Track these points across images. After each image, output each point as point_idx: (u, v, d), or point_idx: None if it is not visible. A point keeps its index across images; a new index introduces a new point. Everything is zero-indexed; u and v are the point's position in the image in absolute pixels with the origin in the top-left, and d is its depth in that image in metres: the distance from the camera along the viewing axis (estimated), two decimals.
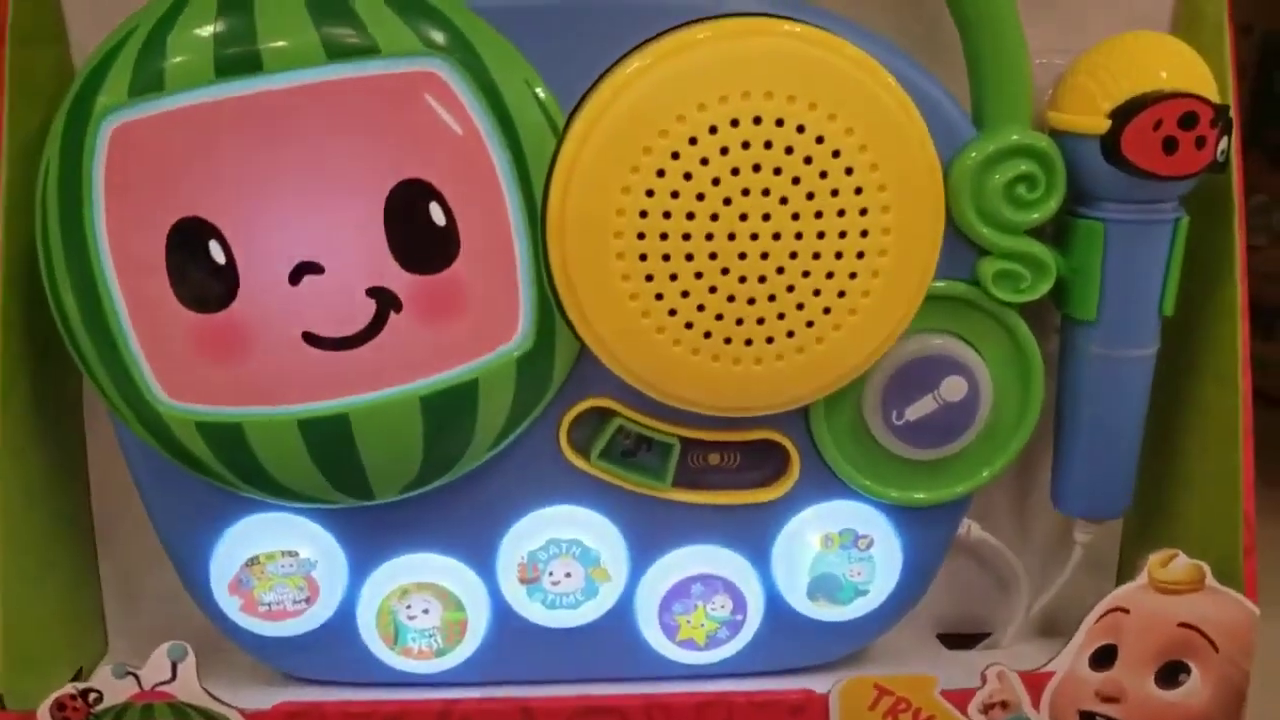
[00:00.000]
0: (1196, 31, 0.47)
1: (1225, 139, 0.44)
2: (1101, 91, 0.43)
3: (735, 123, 0.39)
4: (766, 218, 0.40)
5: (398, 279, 0.42)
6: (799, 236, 0.41)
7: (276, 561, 0.46)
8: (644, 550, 0.48)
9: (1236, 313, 0.47)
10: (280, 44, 0.40)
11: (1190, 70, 0.44)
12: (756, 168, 0.40)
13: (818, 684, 0.47)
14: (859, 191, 0.41)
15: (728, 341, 0.42)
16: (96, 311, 0.42)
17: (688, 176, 0.40)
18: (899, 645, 0.52)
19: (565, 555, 0.47)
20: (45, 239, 0.42)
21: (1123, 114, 0.43)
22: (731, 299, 0.41)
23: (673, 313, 0.41)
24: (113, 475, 0.50)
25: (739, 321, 0.42)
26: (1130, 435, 0.48)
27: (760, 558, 0.48)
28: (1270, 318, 0.76)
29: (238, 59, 0.39)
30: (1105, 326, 0.46)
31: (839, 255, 0.41)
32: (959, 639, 0.55)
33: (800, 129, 0.40)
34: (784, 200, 0.40)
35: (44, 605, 0.48)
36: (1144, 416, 0.48)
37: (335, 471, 0.44)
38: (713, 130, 0.39)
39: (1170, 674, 0.46)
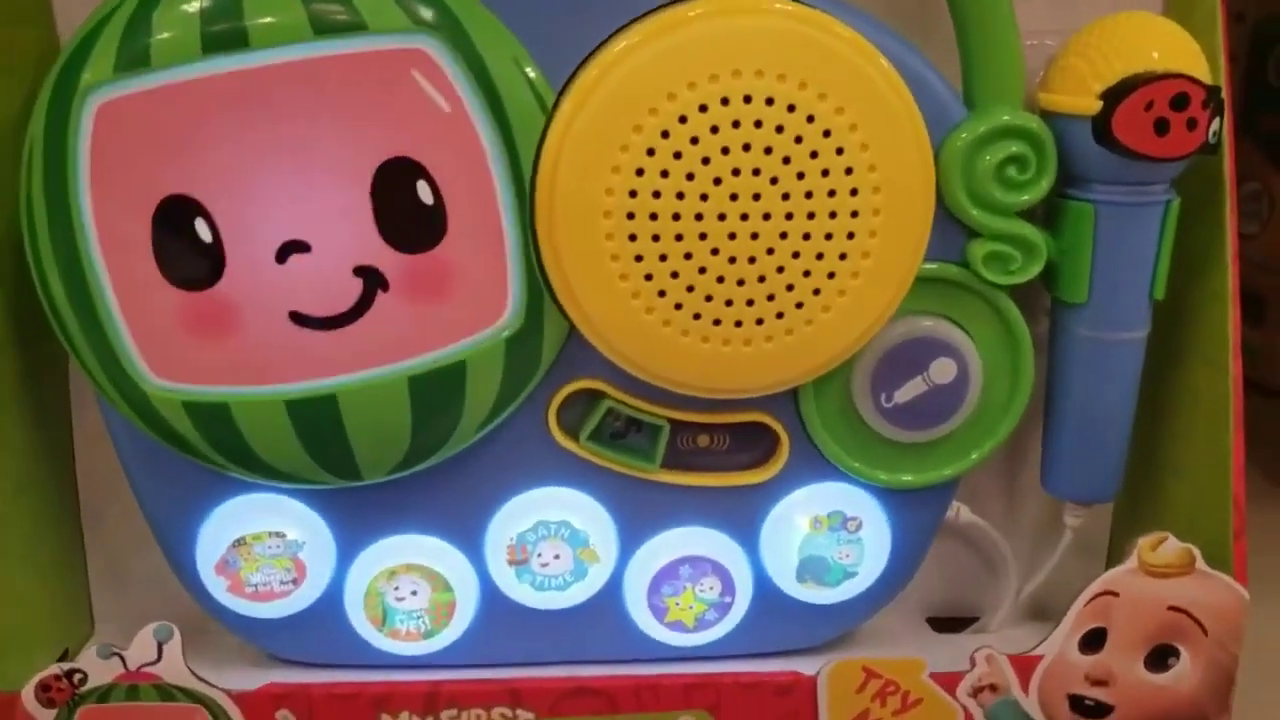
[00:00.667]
0: (1188, 14, 0.47)
1: (1217, 120, 0.44)
2: (1092, 72, 0.43)
3: (725, 101, 0.39)
4: (756, 198, 0.40)
5: (385, 258, 0.41)
6: (789, 217, 0.41)
7: (263, 542, 0.46)
8: (633, 532, 0.48)
9: (1228, 296, 0.47)
10: (267, 20, 0.39)
11: (1182, 51, 0.43)
12: (746, 147, 0.40)
13: (806, 666, 0.47)
14: (849, 172, 0.40)
15: (717, 323, 0.42)
16: (82, 291, 0.41)
17: (677, 155, 0.40)
18: (887, 628, 0.52)
19: (554, 537, 0.47)
20: (30, 218, 0.41)
21: (1114, 95, 0.43)
22: (721, 280, 0.41)
23: (662, 294, 0.41)
24: (99, 457, 0.50)
25: (728, 303, 0.41)
26: (1121, 418, 0.48)
27: (749, 540, 0.48)
28: (1260, 306, 0.76)
29: (224, 35, 0.39)
30: (1095, 309, 0.46)
31: (829, 236, 0.41)
32: (948, 623, 0.54)
33: (791, 108, 0.39)
34: (774, 180, 0.40)
35: (29, 587, 0.48)
36: (1134, 400, 0.48)
37: (322, 452, 0.43)
38: (703, 109, 0.39)
39: (1160, 657, 0.46)
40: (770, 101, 0.39)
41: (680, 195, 0.40)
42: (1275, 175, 0.75)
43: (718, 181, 0.40)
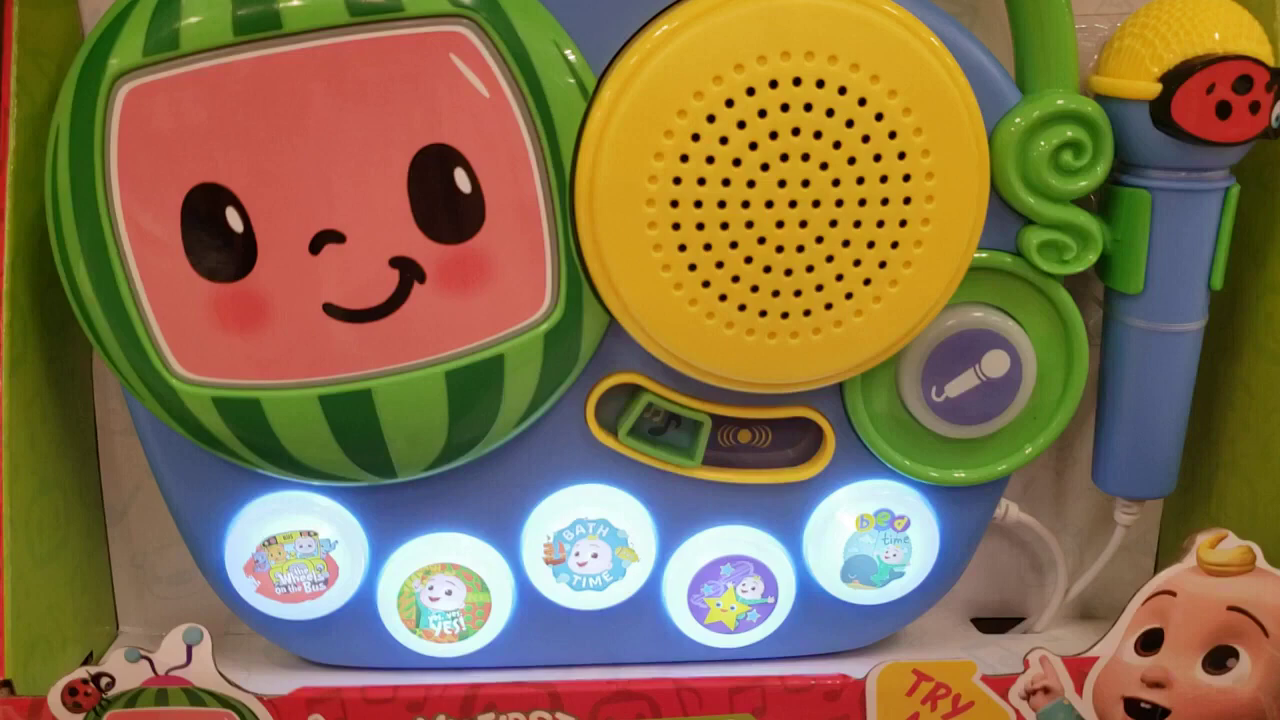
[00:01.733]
0: None
1: (1279, 104, 0.42)
2: (1151, 54, 0.42)
3: (774, 84, 0.38)
4: (805, 184, 0.39)
5: (422, 248, 0.40)
6: (839, 204, 0.39)
7: (295, 542, 0.45)
8: (673, 530, 0.46)
9: None
10: (301, 2, 0.38)
11: (1244, 32, 0.42)
12: (796, 131, 0.38)
13: (853, 669, 0.45)
14: (902, 157, 0.39)
15: (763, 314, 0.40)
16: (109, 282, 0.40)
17: (724, 141, 0.38)
18: (932, 629, 0.51)
19: (592, 535, 0.45)
20: (55, 208, 0.40)
21: (1174, 77, 0.41)
22: (768, 270, 0.40)
23: (706, 284, 0.40)
24: (124, 453, 0.49)
25: (775, 293, 0.40)
26: (1176, 412, 0.46)
27: (792, 539, 0.47)
28: None
29: (257, 18, 0.38)
30: (1151, 300, 0.45)
31: (880, 224, 0.40)
32: (993, 623, 0.53)
33: (842, 91, 0.38)
34: (824, 166, 0.39)
35: (53, 588, 0.47)
36: (1190, 393, 0.46)
37: (357, 448, 0.42)
38: (750, 92, 0.38)
39: (1218, 659, 0.45)
40: (821, 84, 0.38)
41: (726, 182, 0.39)
42: None
43: (765, 168, 0.39)
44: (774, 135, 0.38)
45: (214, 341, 0.41)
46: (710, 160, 0.38)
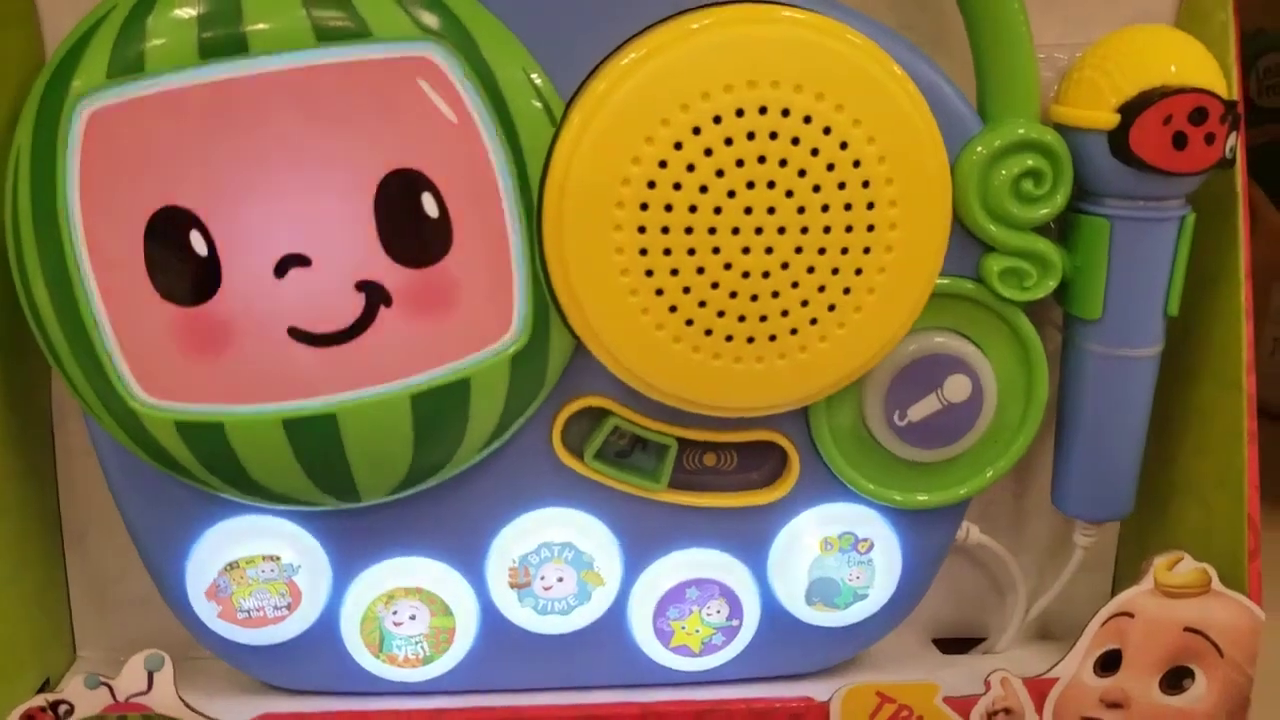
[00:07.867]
0: (1200, 28, 0.46)
1: (1233, 135, 0.43)
2: (1110, 85, 0.43)
3: (740, 112, 0.38)
4: (771, 211, 0.39)
5: (388, 272, 0.40)
6: (804, 231, 0.40)
7: (257, 566, 0.45)
8: (638, 554, 0.46)
9: (1240, 312, 0.47)
10: (267, 25, 0.38)
11: (1199, 65, 0.43)
12: (762, 159, 0.39)
13: (818, 691, 0.45)
14: (866, 185, 0.39)
15: (729, 339, 0.41)
16: (70, 304, 0.40)
17: (691, 168, 0.38)
18: (893, 650, 0.51)
19: (557, 559, 0.45)
20: (15, 229, 0.40)
21: (1132, 108, 0.42)
22: (734, 295, 0.40)
23: (673, 309, 0.40)
24: (84, 476, 0.48)
25: (741, 318, 0.40)
26: (1134, 435, 0.47)
27: (757, 562, 0.47)
28: None
29: (222, 41, 0.38)
30: (1109, 325, 0.45)
31: (845, 250, 0.40)
32: (953, 643, 0.54)
33: (807, 119, 0.38)
34: (789, 193, 0.39)
35: (9, 612, 0.46)
36: (1148, 416, 0.47)
37: (321, 472, 0.42)
38: (717, 120, 0.38)
39: (1175, 679, 0.46)
40: (786, 113, 0.38)
41: (693, 208, 0.39)
42: (1254, 190, 0.75)
43: (732, 194, 0.39)
44: (740, 163, 0.39)
45: (177, 365, 0.40)
46: (677, 187, 0.39)
